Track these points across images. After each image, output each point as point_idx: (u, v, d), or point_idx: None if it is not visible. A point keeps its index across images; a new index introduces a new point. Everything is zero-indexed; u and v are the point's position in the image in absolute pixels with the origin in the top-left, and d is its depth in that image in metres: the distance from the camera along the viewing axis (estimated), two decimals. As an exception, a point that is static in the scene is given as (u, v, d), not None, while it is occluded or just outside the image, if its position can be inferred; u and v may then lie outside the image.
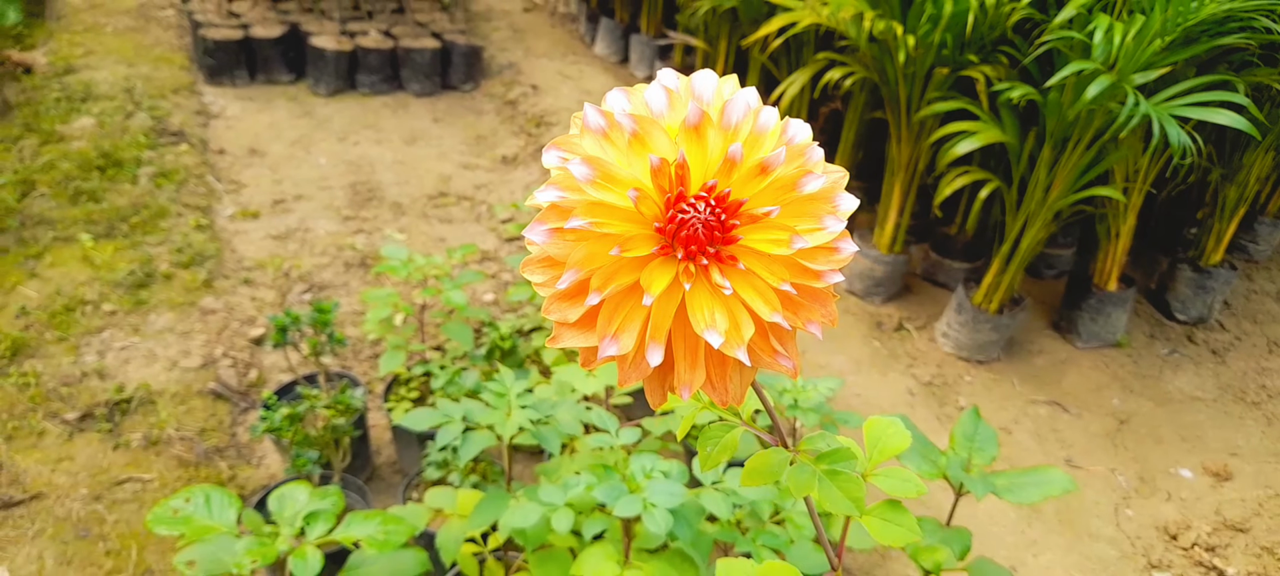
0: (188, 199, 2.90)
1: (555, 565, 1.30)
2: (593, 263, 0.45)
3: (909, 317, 2.81)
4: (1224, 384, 2.67)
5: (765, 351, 0.49)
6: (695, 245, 0.46)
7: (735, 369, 0.50)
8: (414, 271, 1.91)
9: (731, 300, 0.46)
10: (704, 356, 0.48)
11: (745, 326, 0.46)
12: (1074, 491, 1.31)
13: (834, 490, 0.59)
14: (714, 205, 0.46)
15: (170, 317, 2.38)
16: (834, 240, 0.48)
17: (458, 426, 1.33)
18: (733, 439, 0.63)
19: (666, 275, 0.46)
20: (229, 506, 1.26)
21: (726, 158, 0.46)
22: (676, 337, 0.48)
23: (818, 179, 0.48)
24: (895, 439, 0.74)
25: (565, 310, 0.47)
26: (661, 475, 1.25)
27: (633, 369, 0.48)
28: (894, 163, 2.68)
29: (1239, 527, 2.16)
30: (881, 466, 0.74)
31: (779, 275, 0.47)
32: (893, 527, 0.73)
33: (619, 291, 0.46)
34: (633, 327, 0.46)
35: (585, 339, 0.47)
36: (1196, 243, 2.86)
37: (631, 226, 0.45)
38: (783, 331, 0.49)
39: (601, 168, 0.45)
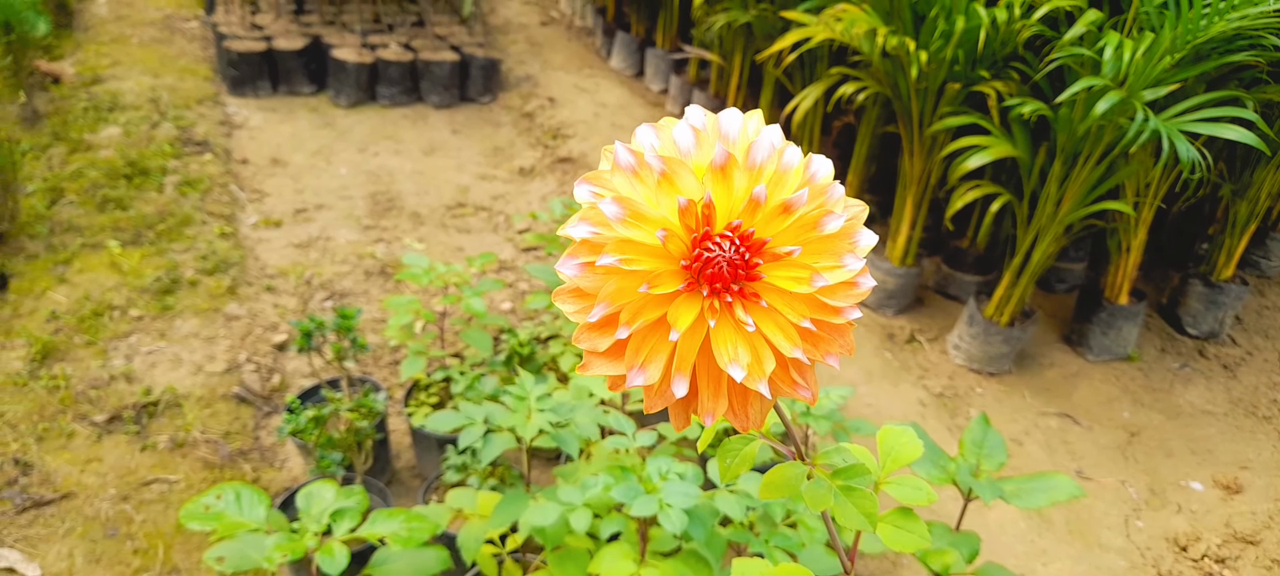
0: (212, 207, 2.96)
1: (573, 564, 1.34)
2: (622, 298, 0.47)
3: (921, 330, 2.84)
4: (1235, 398, 2.68)
5: (785, 382, 0.51)
6: (720, 282, 0.48)
7: (756, 399, 0.52)
8: (435, 279, 1.95)
9: (754, 336, 0.48)
10: (727, 388, 0.51)
11: (767, 361, 0.48)
12: (1080, 497, 1.34)
13: (849, 505, 0.62)
14: (738, 244, 0.48)
15: (195, 323, 2.43)
16: (854, 277, 0.49)
17: (479, 428, 1.37)
18: (751, 452, 0.66)
19: (692, 311, 0.48)
20: (258, 503, 1.31)
21: (751, 198, 0.48)
22: (701, 369, 0.50)
23: (838, 219, 0.49)
24: (908, 448, 0.77)
25: (595, 340, 0.49)
26: (677, 477, 1.29)
27: (658, 398, 0.50)
28: (906, 176, 2.72)
29: (1249, 540, 2.18)
30: (894, 475, 0.77)
31: (800, 312, 0.48)
32: (905, 534, 0.76)
33: (646, 326, 0.48)
34: (659, 360, 0.49)
35: (613, 368, 0.49)
36: (1208, 258, 2.87)
37: (659, 263, 0.48)
38: (802, 365, 0.51)
39: (631, 207, 0.47)
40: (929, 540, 0.73)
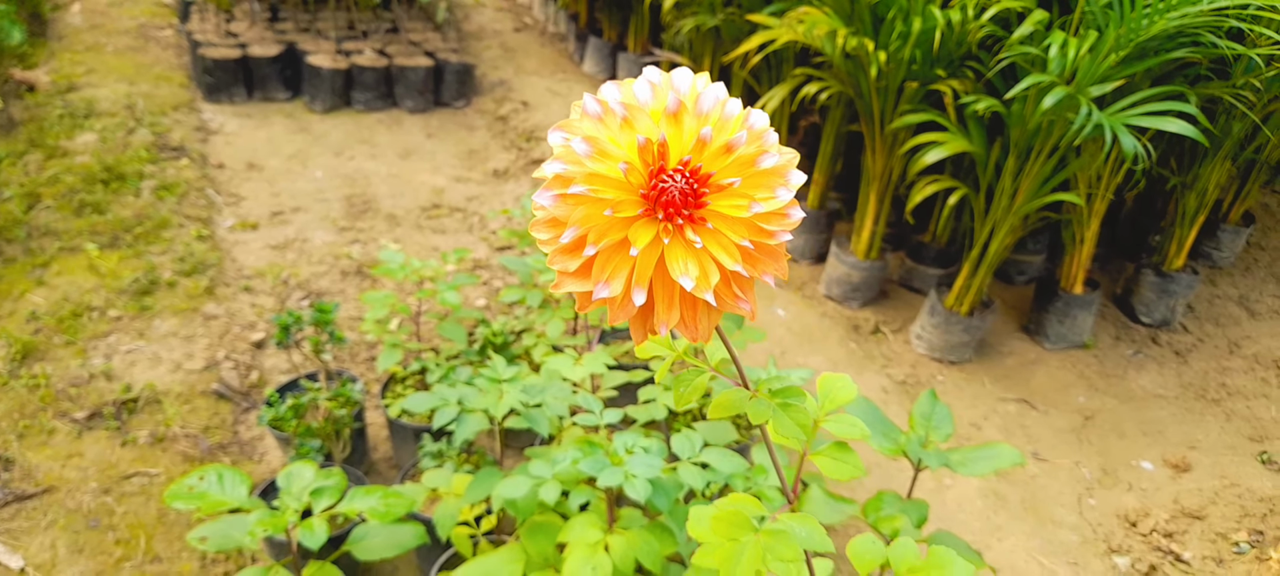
0: (189, 211, 3.00)
1: (544, 536, 1.40)
2: (589, 222, 0.56)
3: (885, 321, 2.92)
4: (1186, 382, 2.79)
5: (728, 296, 0.60)
6: (673, 208, 0.57)
7: (704, 310, 0.61)
8: (410, 275, 2.01)
9: (701, 253, 0.58)
10: (678, 299, 0.60)
11: (712, 274, 0.57)
12: (1022, 464, 1.42)
13: (786, 420, 0.69)
14: (688, 177, 0.58)
15: (174, 323, 2.47)
16: (784, 207, 0.59)
17: (453, 409, 1.44)
18: (702, 382, 0.73)
19: (649, 232, 0.57)
20: (240, 483, 1.36)
21: (699, 138, 0.57)
22: (656, 284, 0.59)
23: (773, 157, 0.59)
24: (843, 391, 0.85)
25: (566, 261, 0.58)
26: (642, 450, 1.36)
27: (620, 309, 0.59)
28: (869, 173, 2.80)
29: (1196, 515, 2.27)
30: (831, 414, 0.85)
31: (739, 233, 0.58)
32: (840, 465, 0.83)
33: (610, 245, 0.57)
34: (621, 275, 0.58)
35: (582, 285, 0.59)
36: (1159, 249, 2.98)
37: (621, 193, 0.57)
38: (742, 279, 0.61)
39: (598, 145, 0.56)
40: (863, 471, 0.80)
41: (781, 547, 0.75)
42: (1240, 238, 3.33)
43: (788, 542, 0.76)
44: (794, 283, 3.11)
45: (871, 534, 0.94)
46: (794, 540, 0.76)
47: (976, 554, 1.46)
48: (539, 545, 1.40)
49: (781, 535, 0.76)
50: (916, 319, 2.83)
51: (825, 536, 0.78)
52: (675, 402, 0.70)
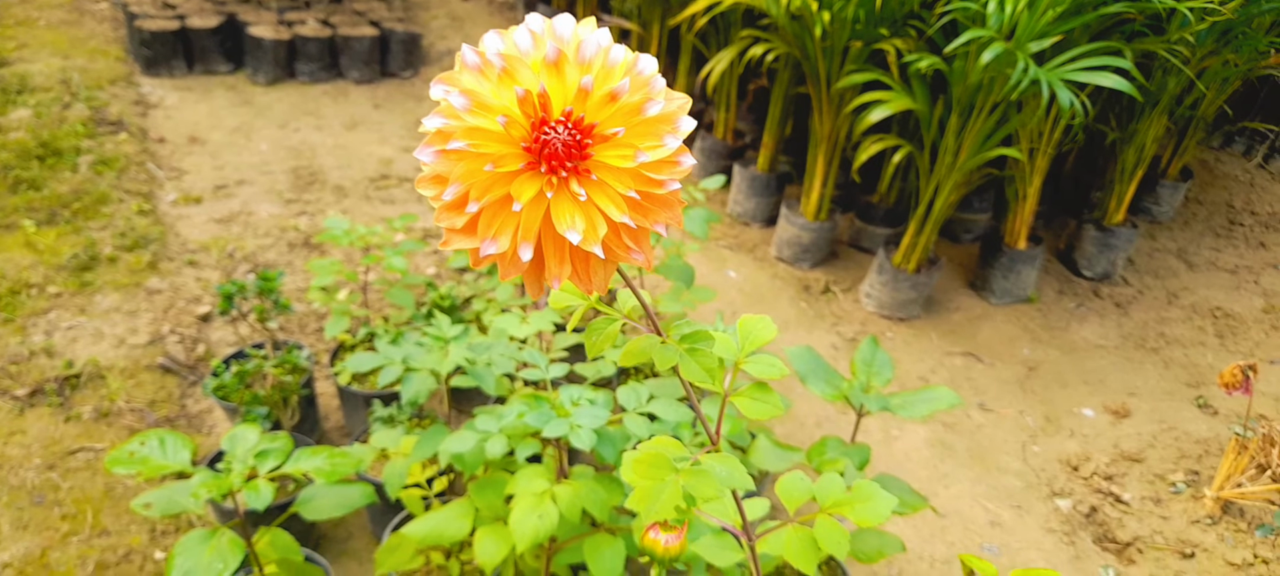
0: (129, 185, 2.93)
1: (493, 490, 1.41)
2: (471, 178, 0.55)
3: (835, 281, 2.96)
4: (1126, 333, 2.87)
5: (619, 247, 0.59)
6: (556, 160, 0.56)
7: (596, 263, 0.60)
8: (356, 241, 1.99)
9: (587, 205, 0.56)
10: (569, 253, 0.59)
11: (599, 226, 0.56)
12: (959, 405, 1.46)
13: (692, 363, 0.70)
14: (571, 127, 0.56)
15: (116, 298, 2.42)
16: (673, 155, 0.58)
17: (398, 367, 1.43)
18: (613, 330, 0.74)
19: (533, 186, 0.56)
20: (182, 448, 1.35)
21: (581, 88, 0.56)
22: (546, 238, 0.58)
23: (658, 104, 0.58)
24: (763, 331, 0.86)
25: (453, 218, 0.57)
26: (588, 402, 1.37)
27: (511, 265, 0.58)
28: (817, 134, 2.83)
29: (1135, 458, 2.35)
30: (752, 354, 0.86)
31: (626, 184, 0.57)
32: (760, 405, 0.85)
33: (494, 201, 0.56)
34: (507, 231, 0.56)
35: (470, 241, 0.57)
36: (1100, 205, 3.06)
37: (502, 147, 0.56)
38: (633, 231, 0.59)
39: (476, 98, 0.55)
40: (781, 409, 0.82)
41: (701, 485, 0.77)
42: (1179, 193, 3.42)
43: (708, 480, 0.77)
44: (745, 245, 3.13)
45: (799, 471, 0.96)
46: (715, 477, 0.77)
47: (920, 496, 1.50)
48: (488, 499, 1.40)
49: (701, 473, 0.77)
50: (865, 278, 2.87)
51: (746, 474, 0.80)
52: (587, 350, 0.71)
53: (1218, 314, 2.98)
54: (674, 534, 0.73)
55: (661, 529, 0.74)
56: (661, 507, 0.75)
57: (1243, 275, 3.20)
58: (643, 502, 0.75)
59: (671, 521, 0.75)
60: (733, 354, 0.83)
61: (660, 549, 0.73)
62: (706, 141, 3.46)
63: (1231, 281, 3.17)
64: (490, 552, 1.33)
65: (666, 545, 0.73)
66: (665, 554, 0.73)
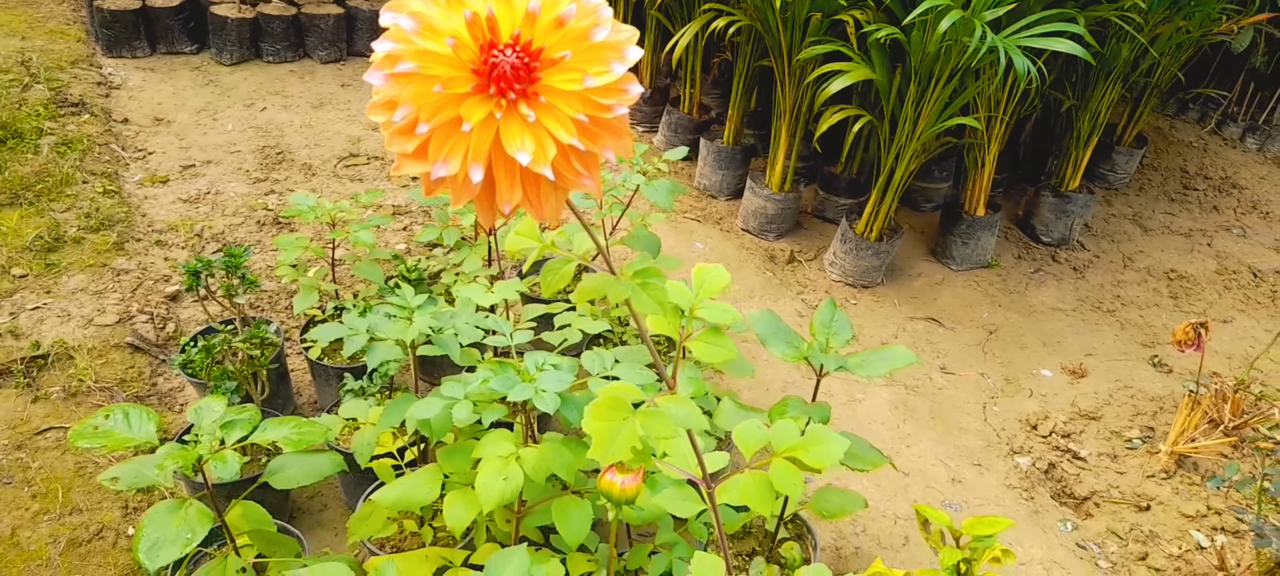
0: (93, 166, 2.91)
1: (460, 456, 1.44)
2: (421, 100, 0.57)
3: (800, 251, 3.01)
4: (1083, 296, 2.94)
5: (569, 171, 0.62)
6: (505, 83, 0.58)
7: (548, 189, 0.63)
8: (322, 216, 2.00)
9: (536, 127, 0.59)
10: (520, 177, 0.61)
11: (548, 148, 0.59)
12: (917, 364, 1.50)
13: (644, 295, 0.73)
14: (520, 51, 0.58)
15: (82, 279, 2.42)
16: (620, 81, 0.61)
17: (362, 337, 1.45)
18: (569, 269, 0.77)
19: (483, 108, 0.58)
20: (148, 421, 1.36)
21: (528, 12, 0.59)
22: (496, 161, 0.60)
23: (604, 30, 0.61)
24: (717, 279, 0.90)
25: (403, 143, 0.59)
26: (552, 367, 1.40)
27: (462, 189, 0.60)
28: (780, 106, 2.86)
29: (1092, 416, 2.42)
30: (706, 302, 0.90)
31: (575, 107, 0.60)
32: (715, 349, 0.88)
33: (444, 123, 0.58)
34: (458, 153, 0.59)
35: (421, 166, 0.59)
36: (1057, 171, 3.12)
37: (451, 69, 0.58)
38: (583, 155, 0.62)
39: (424, 21, 0.57)
40: (736, 353, 0.85)
41: (657, 426, 0.80)
42: (1134, 159, 3.49)
43: (663, 421, 0.81)
44: (712, 217, 3.17)
45: (756, 420, 1.00)
46: (669, 419, 0.81)
47: (880, 453, 1.55)
48: (456, 465, 1.43)
49: (656, 415, 0.81)
50: (829, 247, 2.92)
51: (701, 415, 0.84)
52: (544, 289, 0.74)
53: (1172, 276, 3.06)
54: (630, 476, 0.77)
55: (618, 471, 0.77)
56: (618, 448, 0.78)
57: (1196, 238, 3.29)
58: (600, 444, 0.79)
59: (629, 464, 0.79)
60: (688, 301, 0.87)
61: (617, 490, 0.76)
62: (672, 116, 3.48)
63: (1185, 244, 3.25)
64: (459, 516, 1.36)
65: (623, 487, 0.76)
66: (622, 495, 0.76)
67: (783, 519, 1.69)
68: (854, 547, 1.93)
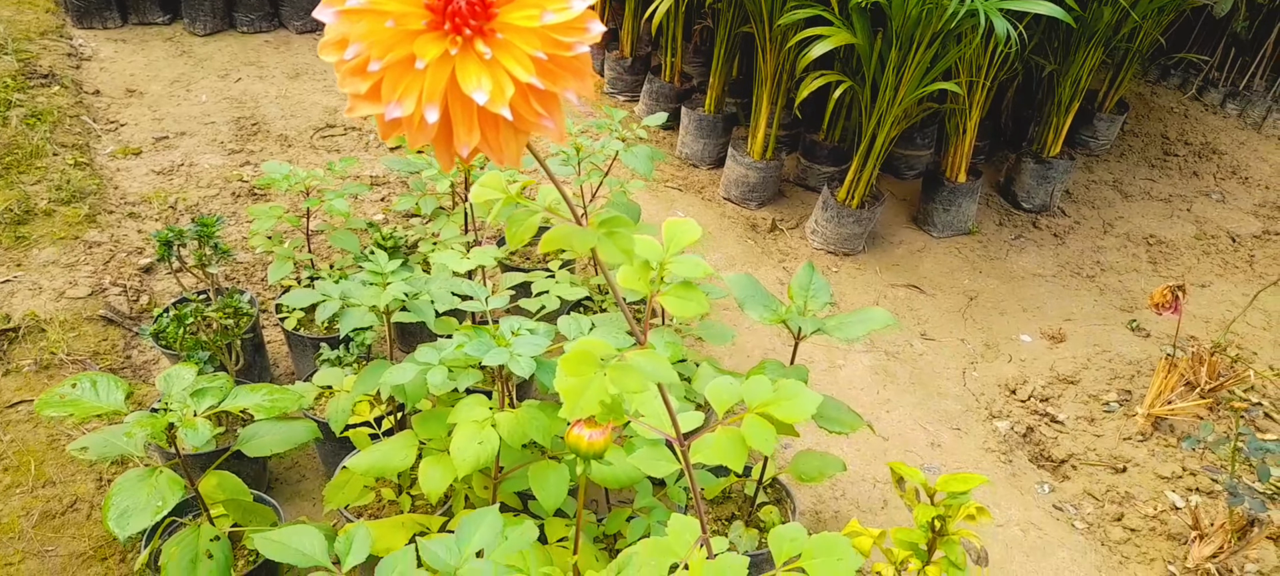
0: (63, 138, 2.86)
1: (436, 421, 1.43)
2: (372, 37, 0.55)
3: (782, 219, 3.00)
4: (1063, 262, 2.95)
5: (529, 113, 0.60)
6: (460, 20, 0.56)
7: (507, 130, 0.61)
8: (296, 184, 1.97)
9: (493, 65, 0.57)
10: (477, 118, 0.59)
11: (506, 87, 0.57)
12: (894, 326, 1.50)
13: (610, 245, 0.72)
14: None
15: (53, 251, 2.38)
16: (579, 18, 0.59)
17: (335, 303, 1.43)
18: (534, 221, 0.75)
19: (437, 46, 0.56)
20: (117, 389, 1.34)
21: None
22: (453, 101, 0.58)
23: None
24: (687, 233, 0.89)
25: (356, 83, 0.57)
26: (528, 332, 1.38)
27: (418, 131, 0.58)
28: (761, 73, 2.84)
29: (1070, 380, 2.43)
30: (676, 255, 0.88)
31: (533, 45, 0.58)
32: (686, 303, 0.87)
33: (397, 61, 0.56)
34: (412, 93, 0.57)
35: (374, 107, 0.57)
36: (1038, 138, 3.12)
37: (404, 5, 0.56)
38: (542, 94, 0.60)
39: None
40: (707, 306, 0.84)
41: (627, 379, 0.79)
42: (1115, 125, 3.50)
43: (633, 375, 0.80)
44: (694, 186, 3.15)
45: (729, 377, 0.99)
46: (639, 372, 0.80)
47: (858, 416, 1.55)
48: (432, 430, 1.42)
49: (626, 369, 0.79)
50: (811, 215, 2.91)
51: (671, 370, 0.83)
52: (509, 240, 0.72)
53: (1151, 241, 3.07)
54: (598, 430, 0.76)
55: (587, 425, 0.76)
56: (587, 403, 0.77)
57: (1176, 204, 3.30)
58: (570, 398, 0.78)
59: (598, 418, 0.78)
60: (658, 255, 0.85)
61: (584, 444, 0.75)
62: (654, 85, 3.45)
63: (1165, 210, 3.26)
64: (434, 481, 1.35)
65: (591, 440, 0.75)
66: (589, 448, 0.76)
67: (762, 483, 1.70)
68: (833, 511, 1.94)
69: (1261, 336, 2.63)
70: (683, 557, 0.96)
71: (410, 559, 0.95)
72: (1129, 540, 1.95)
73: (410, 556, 0.96)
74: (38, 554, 1.69)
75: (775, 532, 1.08)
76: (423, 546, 0.93)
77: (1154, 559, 1.91)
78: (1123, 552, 1.93)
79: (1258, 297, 2.72)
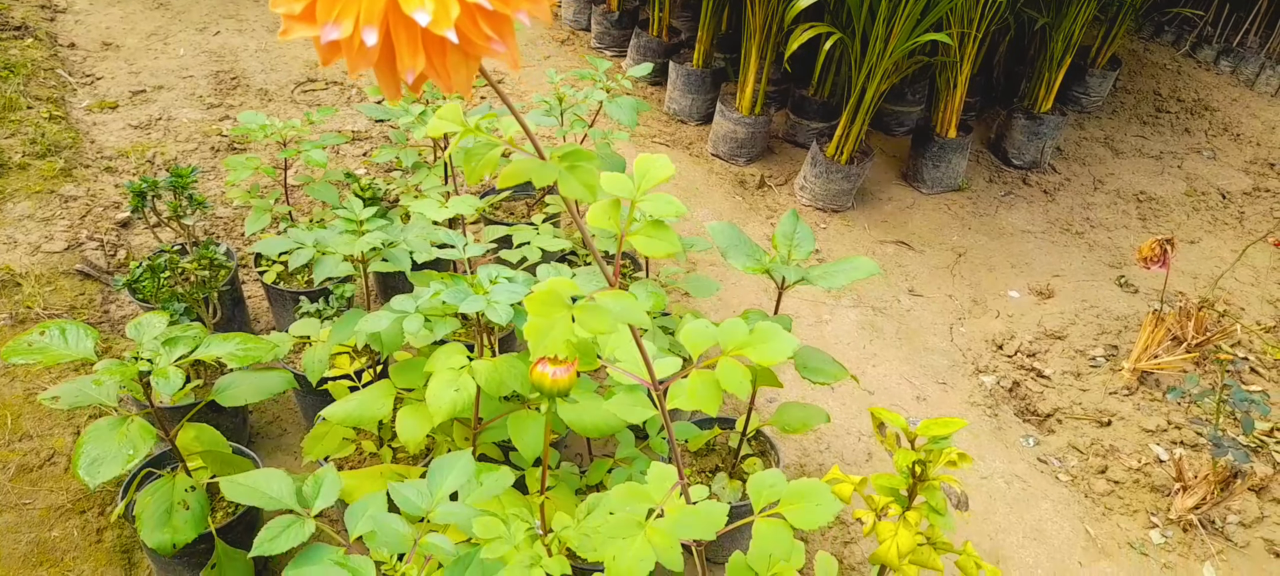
0: (38, 92, 2.80)
1: (413, 371, 1.41)
2: None
3: (771, 175, 2.97)
4: (1052, 218, 2.93)
5: (478, 36, 0.56)
6: None
7: (454, 55, 0.57)
8: (273, 134, 1.93)
9: None
10: (422, 42, 0.55)
11: (451, 7, 0.53)
12: (877, 274, 1.48)
13: (572, 180, 0.69)
14: None
15: (28, 205, 2.34)
16: None
17: (309, 250, 1.41)
18: (495, 155, 0.73)
19: None
20: (86, 337, 1.31)
21: None
22: (395, 23, 0.54)
23: None
24: (659, 170, 0.86)
25: (290, 3, 0.53)
26: (506, 280, 1.36)
27: (358, 55, 0.54)
28: (750, 26, 2.79)
29: (1057, 335, 2.42)
30: (649, 192, 0.86)
31: None
32: (656, 242, 0.85)
33: None
34: (350, 14, 0.53)
35: (310, 30, 0.53)
36: (1030, 93, 3.08)
37: None
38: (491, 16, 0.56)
39: None
40: (679, 246, 0.82)
41: (595, 319, 0.77)
42: (1107, 81, 3.46)
43: (601, 315, 0.77)
44: (681, 142, 3.11)
45: (704, 320, 0.97)
46: (608, 312, 0.78)
47: (842, 367, 1.53)
48: (409, 380, 1.40)
49: (595, 309, 0.77)
50: (800, 171, 2.88)
51: (641, 311, 0.80)
52: (467, 177, 0.70)
53: (1141, 198, 3.06)
54: (562, 367, 0.74)
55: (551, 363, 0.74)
56: (552, 341, 0.75)
57: (1167, 160, 3.28)
58: (535, 336, 0.75)
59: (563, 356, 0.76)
60: (629, 192, 0.83)
61: (548, 381, 0.73)
62: (641, 39, 3.40)
63: (1156, 167, 3.24)
64: (411, 429, 1.33)
65: (555, 377, 0.73)
66: (553, 386, 0.74)
67: (745, 435, 1.68)
68: (818, 464, 1.93)
69: (1249, 292, 2.63)
70: (660, 503, 0.95)
71: (382, 502, 0.94)
72: (1112, 492, 1.96)
73: (382, 500, 0.94)
74: (15, 507, 1.67)
75: (755, 479, 1.06)
76: (394, 489, 0.91)
77: (1137, 510, 1.91)
78: (1106, 504, 1.93)
79: (1246, 253, 2.71)
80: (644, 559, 0.83)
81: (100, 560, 1.60)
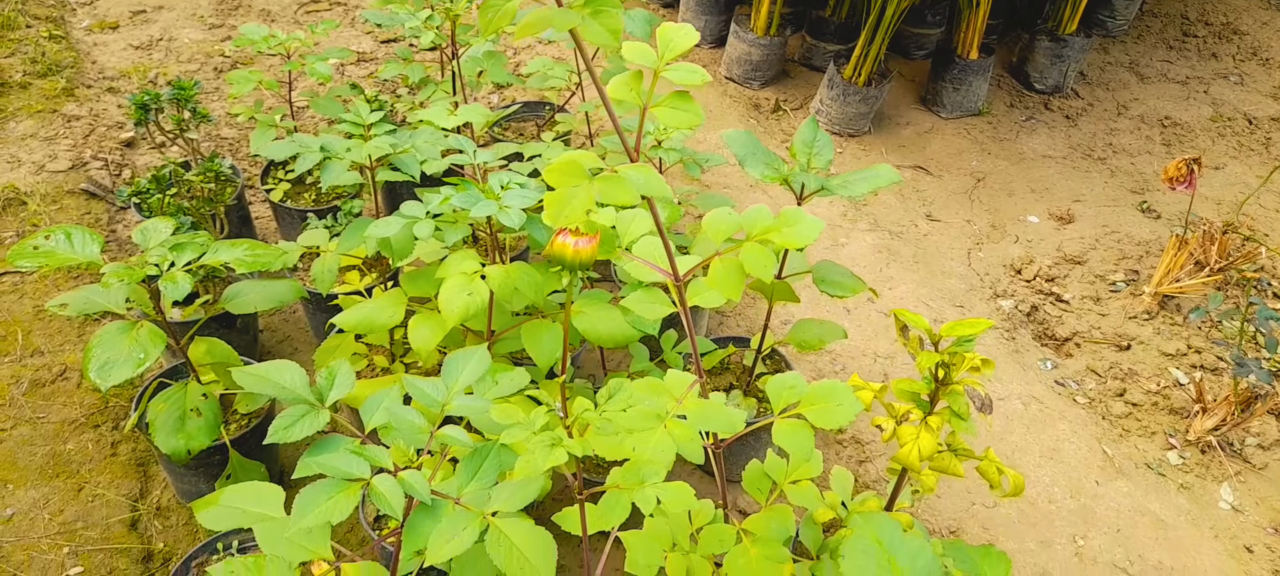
0: (36, 11, 2.75)
1: (424, 280, 1.38)
2: None
3: (786, 99, 2.90)
4: (1074, 143, 2.86)
5: None
6: None
7: None
8: (276, 47, 1.89)
9: None
10: None
11: None
12: (898, 182, 1.44)
13: (594, 25, 0.65)
14: None
15: (31, 125, 2.30)
16: None
17: (315, 154, 1.37)
18: (511, 7, 0.69)
19: None
20: (92, 242, 1.29)
21: None
22: None
23: None
24: (683, 39, 0.82)
25: None
26: (517, 185, 1.33)
27: None
28: (766, -59, 2.71)
29: (1077, 260, 2.38)
30: (671, 63, 0.82)
31: None
32: (680, 113, 0.81)
33: None
34: None
35: None
36: (1054, 14, 2.99)
37: None
38: None
39: None
40: (701, 118, 0.78)
41: (615, 190, 0.74)
42: (1134, 4, 3.36)
43: (621, 186, 0.74)
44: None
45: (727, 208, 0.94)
46: (628, 183, 0.74)
47: (860, 280, 1.50)
48: (420, 287, 1.38)
49: (615, 179, 0.74)
50: (815, 95, 2.82)
51: (663, 183, 0.77)
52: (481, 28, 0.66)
53: (1166, 123, 2.98)
54: (585, 238, 0.71)
55: (572, 233, 0.71)
56: (572, 212, 0.72)
57: (1192, 86, 3.20)
58: (554, 206, 0.72)
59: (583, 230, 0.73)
60: (651, 61, 0.79)
61: (570, 252, 0.70)
62: (654, -41, 3.31)
63: (1181, 92, 3.16)
64: (423, 338, 1.31)
65: (577, 248, 0.70)
66: (575, 258, 0.70)
67: (760, 352, 1.66)
68: (833, 384, 1.91)
69: (1274, 218, 2.57)
70: (678, 398, 0.93)
71: (397, 396, 0.92)
72: (1130, 414, 1.93)
73: (397, 394, 0.92)
74: (30, 421, 1.67)
75: (775, 380, 1.04)
76: (409, 382, 0.89)
77: (1155, 432, 1.89)
78: (1123, 426, 1.91)
79: (1271, 177, 2.65)
80: (665, 448, 0.81)
81: (116, 472, 1.60)
